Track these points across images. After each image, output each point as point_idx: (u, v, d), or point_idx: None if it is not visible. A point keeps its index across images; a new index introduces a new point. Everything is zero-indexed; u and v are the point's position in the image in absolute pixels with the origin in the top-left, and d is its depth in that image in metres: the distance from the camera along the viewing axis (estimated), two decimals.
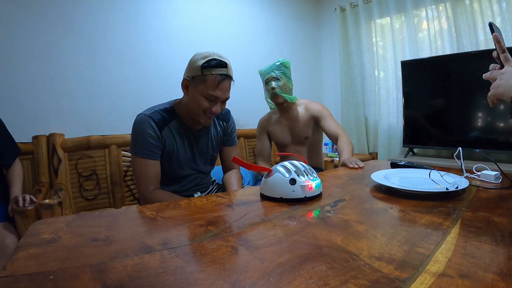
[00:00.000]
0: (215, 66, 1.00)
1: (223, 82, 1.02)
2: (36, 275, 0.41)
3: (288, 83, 1.62)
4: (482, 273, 0.39)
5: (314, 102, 1.70)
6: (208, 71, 0.99)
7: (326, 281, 0.38)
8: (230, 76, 1.05)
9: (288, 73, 1.64)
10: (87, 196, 1.67)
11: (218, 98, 1.03)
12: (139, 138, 1.02)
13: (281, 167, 0.77)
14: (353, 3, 2.67)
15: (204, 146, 1.18)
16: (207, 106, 1.02)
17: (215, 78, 1.00)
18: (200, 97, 1.02)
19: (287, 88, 1.61)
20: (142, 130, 1.02)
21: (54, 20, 1.67)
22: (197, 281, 0.39)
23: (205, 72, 0.99)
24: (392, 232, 0.54)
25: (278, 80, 1.59)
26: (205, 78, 1.00)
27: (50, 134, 1.63)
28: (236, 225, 0.60)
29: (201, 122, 1.07)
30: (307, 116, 1.64)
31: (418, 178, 0.88)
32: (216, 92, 1.01)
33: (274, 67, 1.62)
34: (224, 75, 1.01)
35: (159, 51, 2.05)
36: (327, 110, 1.66)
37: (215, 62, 1.00)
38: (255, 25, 2.57)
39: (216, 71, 1.00)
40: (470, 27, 2.09)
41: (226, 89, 1.04)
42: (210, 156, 1.22)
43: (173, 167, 1.11)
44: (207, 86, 1.00)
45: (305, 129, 1.65)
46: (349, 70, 2.76)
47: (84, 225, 0.62)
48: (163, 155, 1.07)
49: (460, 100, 2.05)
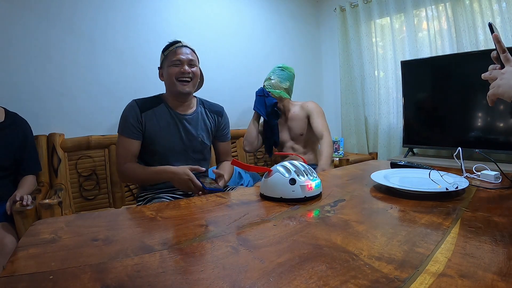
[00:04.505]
0: (171, 44, 1.23)
1: (179, 49, 1.21)
2: (36, 275, 0.41)
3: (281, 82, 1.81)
4: (482, 273, 0.39)
5: (309, 102, 1.84)
6: (167, 50, 1.23)
7: (326, 281, 0.38)
8: (186, 45, 1.23)
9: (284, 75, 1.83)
10: (87, 196, 1.67)
11: (181, 60, 1.19)
12: (122, 119, 1.19)
13: (281, 167, 0.77)
14: (353, 3, 2.67)
15: (192, 131, 1.25)
16: (176, 71, 1.19)
17: (173, 50, 1.21)
18: (169, 69, 1.20)
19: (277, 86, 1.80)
20: (125, 112, 1.19)
21: (54, 20, 1.67)
22: (197, 281, 0.39)
23: (166, 52, 1.23)
24: (392, 232, 0.54)
25: (270, 80, 1.83)
26: (167, 55, 1.22)
27: (50, 134, 1.63)
28: (236, 225, 0.60)
29: (178, 89, 1.19)
30: (302, 114, 1.80)
31: (418, 178, 0.88)
32: (177, 56, 1.19)
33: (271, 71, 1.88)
34: (180, 45, 1.22)
35: (159, 51, 2.03)
36: (320, 109, 1.79)
37: (169, 42, 1.24)
38: (255, 25, 2.57)
39: (171, 47, 1.22)
40: (470, 27, 2.09)
41: (184, 52, 1.21)
42: (200, 143, 1.26)
43: (158, 149, 1.19)
44: (169, 57, 1.21)
45: (300, 126, 1.80)
46: (349, 70, 2.76)
47: (84, 225, 0.62)
48: (146, 136, 1.19)
49: (460, 100, 2.05)
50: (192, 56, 1.23)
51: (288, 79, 1.84)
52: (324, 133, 1.69)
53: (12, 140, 1.35)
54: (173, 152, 1.21)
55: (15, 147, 1.36)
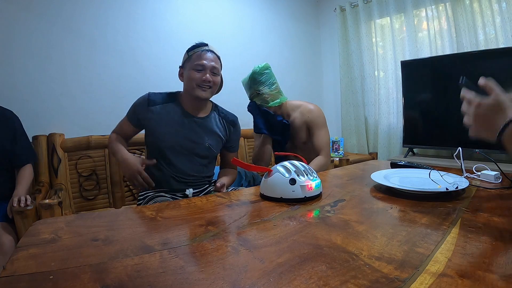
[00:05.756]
0: (197, 46, 1.21)
1: (205, 53, 1.19)
2: (36, 275, 0.41)
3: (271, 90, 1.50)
4: (482, 273, 0.39)
5: (310, 106, 1.58)
6: (191, 52, 1.20)
7: (326, 281, 0.38)
8: (212, 51, 1.21)
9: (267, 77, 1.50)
10: (87, 196, 1.67)
11: (204, 66, 1.17)
12: (132, 105, 1.26)
13: (281, 167, 0.77)
14: (353, 3, 2.67)
15: (199, 135, 1.23)
16: (197, 76, 1.17)
17: (199, 53, 1.19)
18: (190, 72, 1.18)
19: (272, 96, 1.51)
20: (136, 101, 1.25)
21: (54, 20, 1.67)
22: (197, 281, 0.39)
23: (190, 53, 1.20)
24: (392, 232, 0.54)
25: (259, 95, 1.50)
26: (191, 56, 1.20)
27: (50, 134, 1.63)
28: (236, 225, 0.60)
29: (197, 94, 1.18)
30: (301, 121, 1.55)
31: (418, 178, 0.88)
32: (201, 61, 1.17)
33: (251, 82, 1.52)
34: (206, 50, 1.20)
35: (159, 51, 2.04)
36: (321, 117, 1.55)
37: (196, 43, 1.22)
38: (255, 25, 2.57)
39: (197, 49, 1.20)
40: (470, 27, 2.09)
41: (209, 58, 1.19)
42: (206, 148, 1.24)
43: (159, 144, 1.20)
44: (193, 60, 1.18)
45: (301, 135, 1.57)
46: (349, 70, 2.76)
47: (84, 225, 0.62)
48: (149, 129, 1.23)
49: (460, 100, 2.05)
50: (216, 64, 1.20)
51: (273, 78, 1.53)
52: (322, 151, 1.49)
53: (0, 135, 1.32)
54: (175, 151, 1.20)
55: (5, 140, 1.33)
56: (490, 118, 0.55)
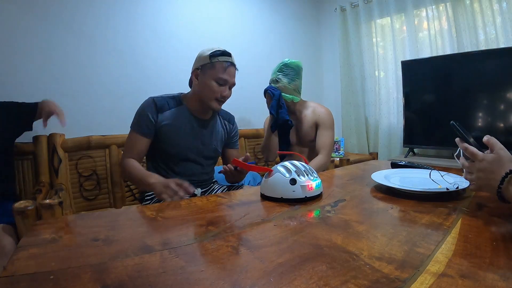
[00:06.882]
0: (221, 54, 1.15)
1: (230, 68, 1.16)
2: (36, 275, 0.41)
3: (289, 84, 1.61)
4: (482, 273, 0.39)
5: (322, 107, 1.67)
6: (215, 58, 1.14)
7: (327, 281, 0.38)
8: (234, 64, 1.18)
9: (292, 73, 1.62)
10: (87, 196, 1.67)
11: (226, 82, 1.15)
12: (137, 114, 1.16)
13: (282, 167, 0.77)
14: (353, 3, 2.67)
15: (207, 137, 1.24)
16: (218, 90, 1.14)
17: (222, 64, 1.14)
18: (211, 82, 1.14)
19: (287, 89, 1.61)
20: (141, 108, 1.16)
21: (54, 20, 1.67)
22: (197, 281, 0.39)
23: (213, 60, 1.13)
24: (392, 232, 0.54)
25: (278, 82, 1.62)
26: (214, 64, 1.14)
27: (50, 134, 1.63)
28: (237, 225, 0.60)
29: (212, 106, 1.17)
30: (312, 119, 1.64)
31: (418, 178, 0.88)
32: (225, 75, 1.14)
33: (277, 69, 1.64)
34: (229, 62, 1.16)
35: (159, 51, 2.04)
36: (330, 120, 1.63)
37: (220, 51, 1.15)
38: (255, 25, 2.57)
39: (222, 58, 1.14)
40: (470, 27, 2.09)
41: (232, 74, 1.17)
42: (213, 150, 1.25)
43: (169, 149, 1.17)
44: (216, 71, 1.13)
45: (309, 133, 1.65)
46: (349, 70, 2.76)
47: (84, 225, 0.62)
48: (159, 135, 1.16)
49: (460, 100, 2.05)
50: (234, 77, 1.20)
51: (297, 76, 1.64)
52: (322, 150, 1.55)
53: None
54: (186, 155, 1.19)
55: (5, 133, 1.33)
56: (493, 171, 0.57)
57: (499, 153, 0.58)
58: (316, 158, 1.53)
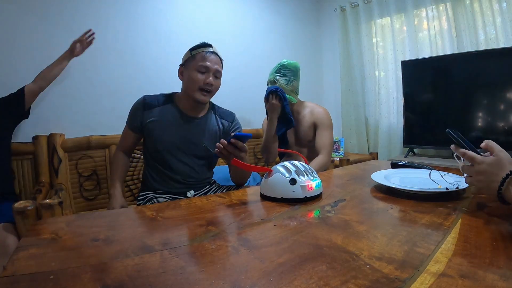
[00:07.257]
0: (201, 46, 1.19)
1: (211, 56, 1.17)
2: (36, 275, 0.41)
3: (287, 85, 1.60)
4: (482, 273, 0.39)
5: (320, 107, 1.67)
6: (195, 51, 1.18)
7: (327, 281, 0.38)
8: (216, 53, 1.20)
9: (290, 74, 1.61)
10: (87, 196, 1.67)
11: (208, 69, 1.16)
12: (130, 111, 1.24)
13: (281, 167, 0.77)
14: (353, 3, 2.67)
15: (196, 134, 1.23)
16: (200, 78, 1.15)
17: (202, 53, 1.17)
18: (192, 72, 1.16)
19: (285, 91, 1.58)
20: (133, 105, 1.24)
21: (54, 20, 1.67)
22: (197, 281, 0.39)
23: (193, 53, 1.18)
24: (392, 232, 0.54)
25: (275, 84, 1.61)
26: (194, 56, 1.17)
27: (50, 134, 1.63)
28: (236, 225, 0.60)
29: (197, 98, 1.17)
30: (310, 120, 1.64)
31: (418, 178, 0.88)
32: (205, 63, 1.16)
33: (275, 70, 1.64)
34: (210, 52, 1.18)
35: (159, 51, 2.04)
36: (329, 122, 1.63)
37: (200, 43, 1.20)
38: (255, 25, 2.56)
39: (202, 49, 1.18)
40: (470, 27, 2.09)
41: (214, 61, 1.18)
42: (204, 149, 1.23)
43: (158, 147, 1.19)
44: (197, 60, 1.16)
45: (308, 133, 1.65)
46: (349, 70, 2.76)
47: (84, 225, 0.62)
48: (147, 132, 1.20)
49: (460, 100, 2.05)
50: (219, 67, 1.20)
51: (295, 77, 1.63)
52: (323, 151, 1.55)
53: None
54: (174, 153, 1.20)
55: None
56: (493, 173, 0.58)
57: (499, 155, 0.58)
58: (316, 158, 1.54)
